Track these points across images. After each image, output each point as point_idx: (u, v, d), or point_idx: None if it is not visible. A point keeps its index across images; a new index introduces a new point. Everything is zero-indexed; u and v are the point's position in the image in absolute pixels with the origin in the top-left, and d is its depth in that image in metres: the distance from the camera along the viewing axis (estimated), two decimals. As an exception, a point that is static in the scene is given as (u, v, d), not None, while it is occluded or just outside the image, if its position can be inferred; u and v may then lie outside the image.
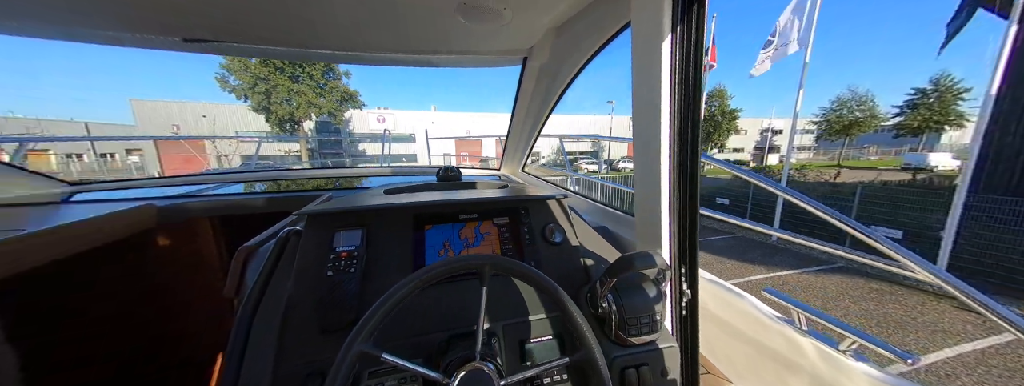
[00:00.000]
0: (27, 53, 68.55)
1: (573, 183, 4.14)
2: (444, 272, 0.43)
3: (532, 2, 0.68)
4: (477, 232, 0.69)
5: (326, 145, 21.49)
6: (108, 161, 20.01)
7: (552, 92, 1.12)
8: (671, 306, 0.63)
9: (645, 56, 0.56)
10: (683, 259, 0.60)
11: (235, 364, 0.45)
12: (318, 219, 0.60)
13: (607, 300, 0.56)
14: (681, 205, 0.59)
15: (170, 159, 17.38)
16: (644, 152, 0.62)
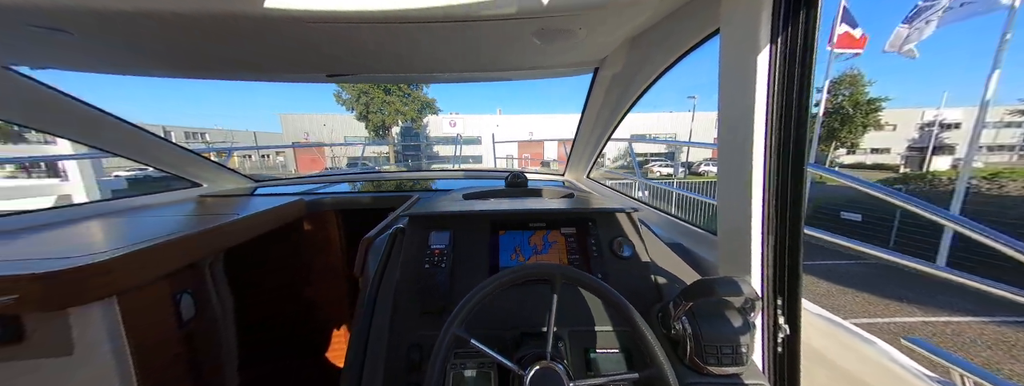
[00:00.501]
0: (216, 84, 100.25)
1: (641, 189, 3.79)
2: (522, 276, 0.48)
3: (607, 19, 0.68)
4: (545, 240, 0.73)
5: (408, 148, 24.66)
6: (265, 160, 27.39)
7: (623, 101, 1.08)
8: (763, 341, 0.55)
9: (736, 62, 0.51)
10: (779, 288, 0.52)
11: (365, 331, 0.58)
12: (417, 220, 0.72)
13: (682, 322, 0.53)
14: (779, 224, 0.51)
15: (302, 158, 23.31)
16: (731, 161, 0.56)
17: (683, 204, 5.93)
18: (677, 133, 27.45)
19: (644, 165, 21.00)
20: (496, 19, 0.66)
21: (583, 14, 0.64)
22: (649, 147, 27.66)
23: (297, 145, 15.32)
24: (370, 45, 0.79)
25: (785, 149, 0.48)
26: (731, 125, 0.55)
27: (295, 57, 0.87)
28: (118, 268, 0.65)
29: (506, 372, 0.54)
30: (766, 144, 0.50)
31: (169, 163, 1.37)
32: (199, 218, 1.03)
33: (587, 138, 1.36)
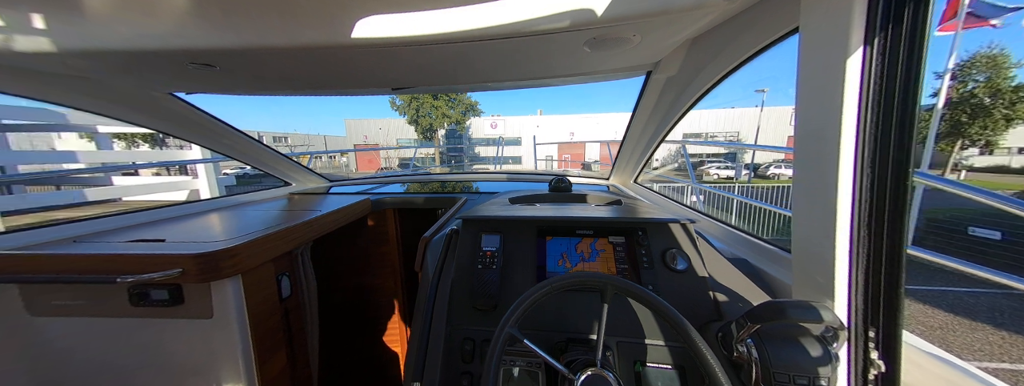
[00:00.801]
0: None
1: (695, 193, 3.46)
2: (575, 283, 0.50)
3: (665, 24, 0.65)
4: (593, 248, 0.73)
5: (452, 150, 26.00)
6: (332, 160, 31.25)
7: (678, 105, 1.02)
8: (850, 377, 0.49)
9: (820, 62, 0.46)
10: (872, 318, 0.46)
11: (427, 322, 0.64)
12: (469, 223, 0.78)
13: (746, 345, 0.49)
14: (872, 242, 0.44)
15: (361, 159, 26.15)
16: (810, 168, 0.50)
17: (747, 213, 5.23)
18: (740, 131, 24.36)
19: (698, 167, 19.02)
20: (547, 33, 0.69)
21: (639, 21, 0.63)
22: (705, 147, 25.01)
23: (357, 149, 17.46)
24: (431, 62, 0.87)
25: (883, 154, 0.42)
26: (811, 128, 0.49)
27: (369, 75, 1.00)
28: (242, 252, 0.82)
29: (553, 374, 0.56)
30: (857, 149, 0.44)
31: (268, 165, 1.66)
32: (292, 213, 1.23)
33: (636, 142, 1.31)
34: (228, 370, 0.83)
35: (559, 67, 0.93)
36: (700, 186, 3.73)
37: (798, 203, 0.54)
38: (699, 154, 22.69)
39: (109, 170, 3.01)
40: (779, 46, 0.70)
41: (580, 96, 71.20)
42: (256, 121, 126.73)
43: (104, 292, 0.80)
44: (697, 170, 18.10)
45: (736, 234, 0.93)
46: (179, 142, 6.12)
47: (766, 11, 0.60)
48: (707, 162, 20.25)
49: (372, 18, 0.69)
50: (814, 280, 0.52)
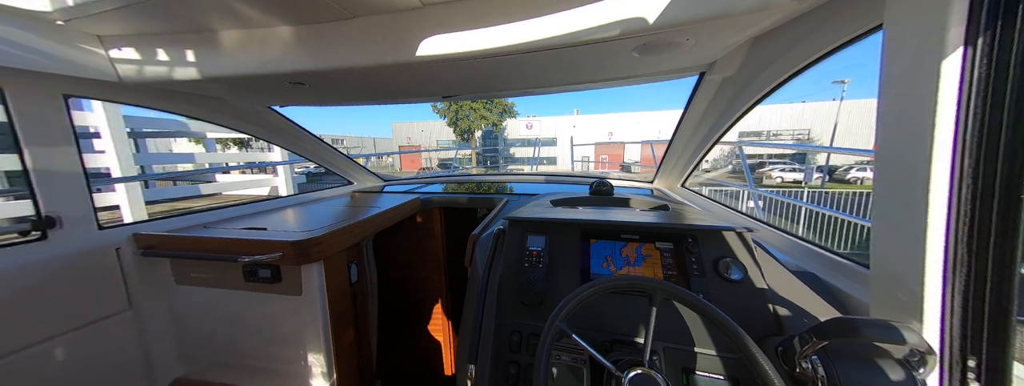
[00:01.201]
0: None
1: (753, 199, 3.12)
2: (625, 285, 0.51)
3: (723, 27, 0.63)
4: (639, 252, 0.73)
5: (488, 151, 26.63)
6: (380, 161, 34.07)
7: (736, 106, 0.96)
8: None
9: (909, 63, 0.42)
10: (972, 345, 0.41)
11: (479, 313, 0.69)
12: (515, 223, 0.82)
13: (811, 362, 0.46)
14: (976, 262, 0.39)
15: (405, 159, 28.10)
16: (895, 178, 0.46)
17: (821, 224, 4.53)
18: (812, 129, 21.23)
19: (757, 169, 16.96)
20: (597, 42, 0.70)
21: (694, 26, 0.62)
22: (766, 148, 22.21)
23: (402, 152, 18.90)
24: (482, 72, 0.94)
25: (990, 164, 0.37)
26: (896, 134, 0.45)
27: (425, 86, 1.11)
28: (324, 242, 0.97)
29: (598, 372, 0.58)
30: (954, 159, 0.40)
31: (336, 165, 1.89)
32: (357, 209, 1.40)
33: (685, 144, 1.25)
34: (312, 339, 0.99)
35: (607, 71, 0.94)
36: (759, 191, 3.36)
37: (880, 214, 0.50)
38: (758, 155, 20.25)
39: (215, 171, 3.73)
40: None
41: (619, 94, 68.16)
42: (317, 125, 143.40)
43: (226, 268, 1.00)
44: (755, 173, 16.17)
45: (803, 246, 0.85)
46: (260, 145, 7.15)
47: (843, 8, 0.56)
48: (768, 163, 17.93)
49: (435, 37, 0.77)
50: (896, 299, 0.48)
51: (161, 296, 1.08)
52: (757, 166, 17.53)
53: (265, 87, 1.04)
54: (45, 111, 0.87)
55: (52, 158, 0.89)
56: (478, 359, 0.61)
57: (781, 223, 4.76)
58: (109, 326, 0.98)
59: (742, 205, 4.48)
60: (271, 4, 0.73)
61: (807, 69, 0.75)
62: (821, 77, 16.51)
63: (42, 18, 0.75)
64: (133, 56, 0.88)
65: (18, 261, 0.84)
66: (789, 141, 20.69)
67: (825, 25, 0.61)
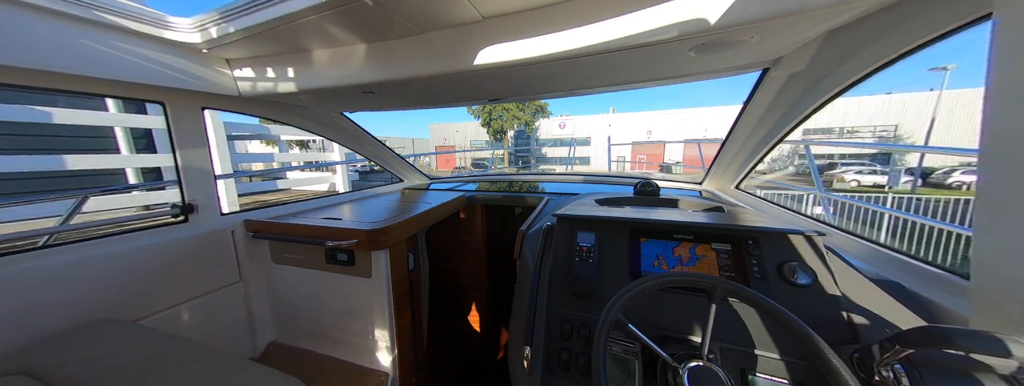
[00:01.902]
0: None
1: (822, 204, 2.75)
2: (681, 281, 0.52)
3: (793, 23, 0.59)
4: (693, 252, 0.72)
5: (520, 150, 26.75)
6: (417, 160, 36.30)
7: (805, 104, 0.89)
8: None
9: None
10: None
11: (533, 303, 0.73)
12: (564, 220, 0.86)
13: (893, 371, 0.44)
14: None
15: (440, 159, 29.54)
16: (1005, 178, 0.42)
17: (910, 234, 3.81)
18: (900, 125, 18.02)
19: (827, 170, 14.85)
20: (652, 45, 0.71)
21: (761, 24, 0.61)
22: (838, 146, 19.36)
23: (438, 152, 19.92)
24: (532, 76, 0.99)
25: None
26: (1011, 134, 0.41)
27: (476, 91, 1.19)
28: (391, 231, 1.09)
29: (648, 363, 0.59)
30: None
31: (390, 164, 2.09)
32: (410, 204, 1.54)
33: (743, 143, 1.18)
34: (378, 317, 1.13)
35: (659, 71, 0.92)
36: (831, 195, 2.95)
37: (985, 219, 0.45)
38: (827, 155, 17.72)
39: (292, 169, 4.34)
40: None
41: (659, 91, 64.01)
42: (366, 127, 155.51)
43: (312, 251, 1.18)
44: (824, 174, 14.19)
45: (886, 254, 0.77)
46: (317, 146, 7.97)
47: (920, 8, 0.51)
48: (841, 164, 15.57)
49: (492, 47, 0.84)
50: (1003, 310, 0.44)
51: (261, 272, 1.30)
52: (827, 167, 15.36)
53: (342, 96, 1.20)
54: (189, 121, 1.11)
55: (192, 158, 1.12)
56: (532, 343, 0.66)
57: (860, 232, 4.10)
58: (225, 294, 1.21)
59: (807, 209, 3.98)
60: (355, 26, 0.85)
61: (896, 62, 0.69)
62: (914, 64, 13.73)
63: (194, 48, 0.96)
64: (250, 74, 1.08)
65: (169, 238, 1.08)
66: (869, 139, 17.78)
67: (919, 13, 0.55)
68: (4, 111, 2.10)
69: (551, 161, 23.62)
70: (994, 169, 0.43)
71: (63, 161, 2.23)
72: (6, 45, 0.69)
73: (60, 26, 0.76)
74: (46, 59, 0.74)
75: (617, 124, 24.13)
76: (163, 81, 0.93)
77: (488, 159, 6.90)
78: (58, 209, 2.10)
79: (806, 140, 2.02)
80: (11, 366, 0.72)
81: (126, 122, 2.85)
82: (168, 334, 0.83)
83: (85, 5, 0.78)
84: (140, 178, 3.24)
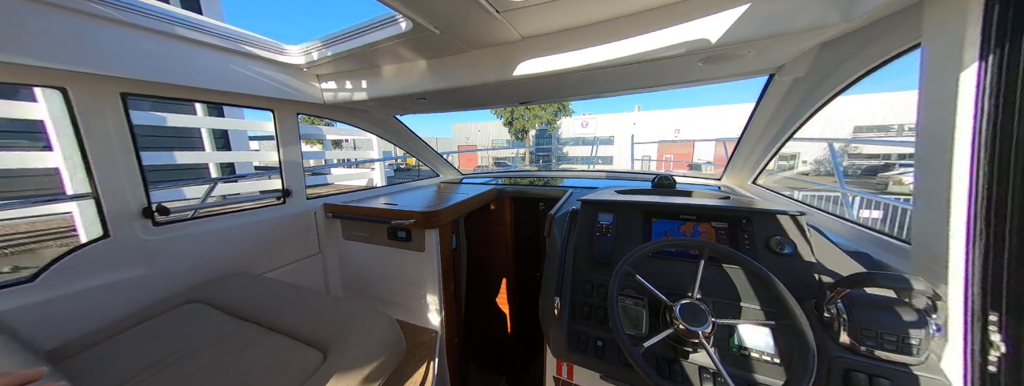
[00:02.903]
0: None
1: (844, 205, 2.66)
2: (676, 243, 0.68)
3: (782, 42, 0.71)
4: (695, 229, 0.86)
5: (540, 149, 26.77)
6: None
7: (807, 104, 1.00)
8: (968, 356, 0.52)
9: (938, 72, 0.51)
10: (993, 302, 0.49)
11: (561, 268, 0.86)
12: (589, 204, 1.02)
13: (836, 306, 0.57)
14: (994, 234, 0.48)
15: (462, 157, 30.31)
16: (927, 167, 0.54)
17: None
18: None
19: (880, 172, 13.47)
20: (663, 59, 0.86)
21: (754, 42, 0.75)
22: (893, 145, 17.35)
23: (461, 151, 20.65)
24: (559, 84, 1.16)
25: (1004, 154, 0.45)
26: (929, 133, 0.54)
27: (510, 96, 1.39)
28: (441, 214, 1.32)
29: (653, 312, 0.75)
30: (973, 151, 0.48)
31: (429, 160, 2.35)
32: (448, 195, 1.77)
33: (754, 142, 1.29)
34: (429, 285, 1.37)
35: (672, 78, 1.07)
36: (883, 198, 2.84)
37: (918, 200, 0.58)
38: (884, 154, 16.02)
39: (343, 166, 4.88)
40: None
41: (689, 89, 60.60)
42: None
43: (376, 229, 1.44)
44: (878, 176, 12.93)
45: (864, 232, 0.87)
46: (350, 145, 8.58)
47: (891, 25, 0.63)
48: (899, 165, 14.02)
49: (529, 61, 1.03)
50: (930, 268, 0.56)
51: (334, 246, 1.59)
52: (882, 168, 13.92)
53: (399, 102, 1.44)
54: (289, 124, 1.40)
55: (290, 154, 1.42)
56: (561, 294, 0.84)
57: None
58: (308, 263, 1.51)
59: (854, 214, 3.72)
60: (419, 47, 1.07)
61: (887, 64, 0.79)
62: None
63: (297, 68, 1.25)
64: (333, 86, 1.36)
65: (273, 216, 1.38)
66: (894, 133, 15.86)
67: (879, 40, 0.68)
68: (142, 117, 2.63)
69: (572, 160, 23.38)
70: (920, 165, 0.56)
71: (173, 156, 2.74)
72: (175, 70, 0.98)
73: (213, 55, 1.05)
74: (198, 79, 1.03)
75: (642, 123, 23.38)
76: (275, 93, 1.22)
77: (511, 158, 7.22)
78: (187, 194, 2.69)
79: (857, 138, 2.01)
80: (186, 298, 1.03)
81: (209, 124, 3.41)
82: (285, 282, 1.11)
83: (233, 39, 1.07)
84: (220, 172, 3.83)
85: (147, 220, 1.03)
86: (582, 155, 24.46)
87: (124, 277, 0.97)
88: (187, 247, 1.13)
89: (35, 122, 2.17)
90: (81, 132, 0.88)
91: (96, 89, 0.89)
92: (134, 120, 0.98)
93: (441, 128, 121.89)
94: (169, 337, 0.82)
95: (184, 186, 2.56)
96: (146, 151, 1.03)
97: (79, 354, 0.77)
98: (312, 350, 0.77)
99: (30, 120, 2.15)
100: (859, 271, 0.67)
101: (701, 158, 18.05)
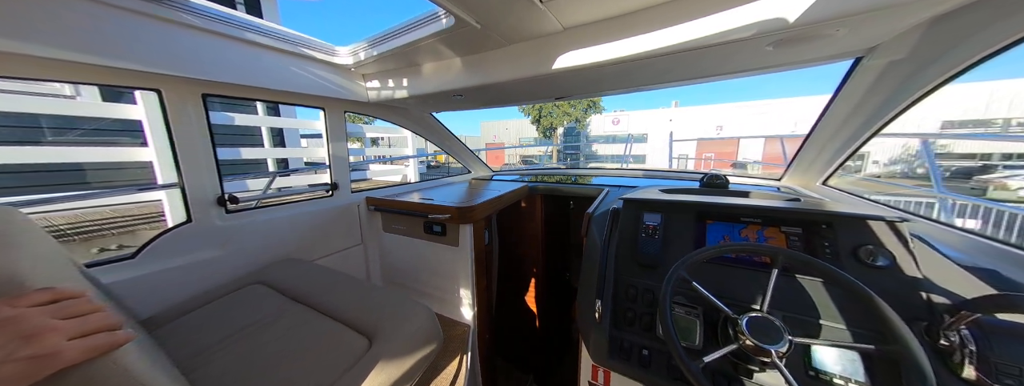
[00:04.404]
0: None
1: (947, 212, 2.25)
2: (743, 248, 0.58)
3: (888, 14, 0.57)
4: (760, 235, 0.75)
5: (569, 147, 26.21)
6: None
7: (905, 93, 0.83)
8: None
9: None
10: None
11: (603, 269, 0.81)
12: (633, 203, 0.95)
13: (958, 334, 0.47)
14: None
15: (490, 155, 30.95)
16: None
17: None
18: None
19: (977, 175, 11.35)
20: (725, 44, 0.76)
21: (847, 18, 0.61)
22: (997, 142, 14.52)
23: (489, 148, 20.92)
24: (604, 76, 1.09)
25: None
26: None
27: (548, 90, 1.35)
28: (476, 210, 1.33)
29: (711, 321, 0.66)
30: None
31: (462, 157, 2.39)
32: (480, 191, 1.78)
33: (829, 135, 1.12)
34: (463, 279, 1.39)
35: (735, 65, 0.95)
36: (959, 198, 2.39)
37: None
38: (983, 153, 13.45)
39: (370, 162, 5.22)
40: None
41: (731, 82, 55.66)
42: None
43: (413, 222, 1.49)
44: (973, 179, 10.94)
45: (984, 243, 0.70)
46: (387, 143, 9.02)
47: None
48: (1002, 167, 11.65)
49: (571, 52, 0.98)
50: None
51: (375, 238, 1.68)
52: (978, 170, 11.73)
53: (437, 99, 1.47)
54: (337, 121, 1.50)
55: (337, 149, 1.52)
56: (602, 297, 0.79)
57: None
58: (352, 253, 1.60)
59: (948, 217, 3.11)
60: (459, 43, 1.07)
61: (1017, 45, 0.63)
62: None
63: (345, 68, 1.32)
64: (376, 85, 1.42)
65: (323, 207, 1.48)
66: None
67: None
68: (216, 117, 3.00)
69: (602, 159, 22.60)
70: None
71: (239, 152, 3.08)
72: (245, 72, 1.07)
73: (276, 57, 1.14)
74: (263, 80, 1.11)
75: (679, 119, 21.91)
76: (326, 92, 1.30)
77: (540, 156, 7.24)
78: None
79: (960, 133, 1.68)
80: (252, 280, 1.13)
81: (268, 123, 3.80)
82: (333, 270, 1.18)
83: (293, 42, 1.15)
84: (276, 167, 4.27)
85: (221, 208, 1.16)
86: (612, 153, 23.57)
87: (203, 258, 1.10)
88: (252, 233, 1.25)
89: (135, 122, 2.56)
90: (171, 129, 1.00)
91: (183, 90, 1.01)
92: (213, 120, 1.09)
93: (470, 126, 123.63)
94: (240, 313, 0.91)
95: (248, 179, 2.91)
96: (220, 147, 1.16)
97: (167, 324, 0.88)
98: (359, 336, 0.81)
99: (131, 120, 2.54)
100: (991, 292, 0.55)
101: (747, 156, 16.48)
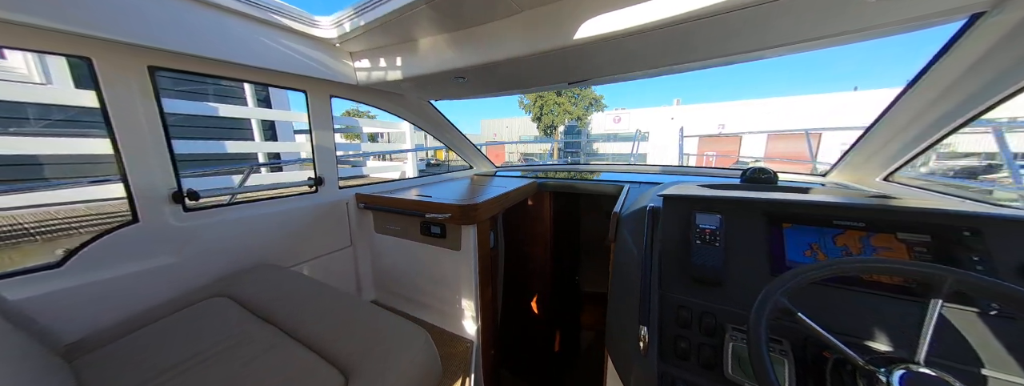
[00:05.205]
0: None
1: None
2: (886, 269, 0.40)
3: None
4: (866, 243, 0.57)
5: (569, 145, 25.94)
6: None
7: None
8: None
9: None
10: None
11: (647, 285, 0.66)
12: (678, 200, 0.77)
13: None
14: None
15: (490, 152, 30.87)
16: None
17: None
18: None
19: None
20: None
21: None
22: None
23: (490, 143, 20.62)
24: (630, 51, 0.90)
25: None
26: None
27: (563, 71, 1.16)
28: (480, 208, 1.16)
29: (804, 366, 0.48)
30: None
31: (463, 151, 2.20)
32: (484, 188, 1.60)
33: (904, 121, 0.93)
34: (465, 288, 1.22)
35: (817, 28, 0.73)
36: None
37: None
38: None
39: (369, 154, 5.01)
40: None
41: (730, 80, 55.58)
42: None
43: (409, 223, 1.31)
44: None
45: None
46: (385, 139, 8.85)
47: None
48: None
49: (597, 18, 0.80)
50: None
51: (366, 239, 1.50)
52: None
53: (436, 83, 1.29)
54: (321, 108, 1.31)
55: (323, 140, 1.33)
56: (648, 323, 0.62)
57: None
58: (339, 256, 1.43)
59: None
60: (460, 10, 0.89)
61: None
62: None
63: (329, 42, 1.13)
64: (367, 65, 1.23)
65: (305, 204, 1.30)
66: None
67: None
68: (193, 107, 2.79)
69: (603, 157, 22.43)
70: None
71: (223, 145, 2.89)
72: (205, 40, 0.88)
73: (244, 25, 0.95)
74: (228, 52, 0.92)
75: (681, 117, 21.65)
76: (307, 71, 1.12)
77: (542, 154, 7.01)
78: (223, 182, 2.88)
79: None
80: (213, 292, 0.96)
81: (259, 115, 3.61)
82: (313, 280, 1.00)
83: (265, 8, 0.96)
84: (267, 160, 4.09)
85: (177, 205, 0.98)
86: (614, 152, 23.34)
87: (152, 265, 0.92)
88: (218, 235, 1.07)
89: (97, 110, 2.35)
90: (106, 107, 0.82)
91: (123, 60, 0.82)
92: (190, 109, 0.92)
93: (469, 124, 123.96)
94: (189, 336, 0.74)
95: (228, 175, 2.67)
96: (202, 140, 0.97)
97: (97, 349, 0.70)
98: (332, 371, 0.64)
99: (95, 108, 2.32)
100: None
101: (750, 153, 16.26)
